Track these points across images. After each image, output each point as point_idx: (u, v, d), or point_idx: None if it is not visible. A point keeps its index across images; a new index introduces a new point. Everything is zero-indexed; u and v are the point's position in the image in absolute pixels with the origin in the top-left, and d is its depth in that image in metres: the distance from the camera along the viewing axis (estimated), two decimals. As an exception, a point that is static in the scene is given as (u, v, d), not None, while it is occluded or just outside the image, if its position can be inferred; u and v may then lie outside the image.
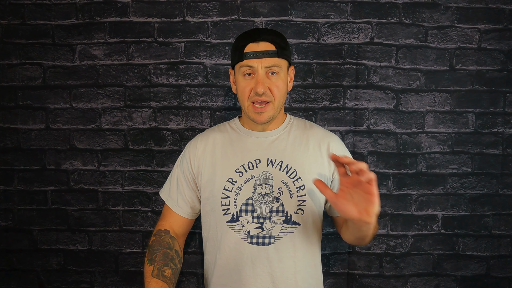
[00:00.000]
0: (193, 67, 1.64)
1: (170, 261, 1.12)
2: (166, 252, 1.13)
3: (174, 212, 1.22)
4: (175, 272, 1.11)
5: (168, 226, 1.21)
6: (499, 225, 1.67)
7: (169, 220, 1.22)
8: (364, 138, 1.65)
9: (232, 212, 1.13)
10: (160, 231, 1.19)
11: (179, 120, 1.65)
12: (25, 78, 1.65)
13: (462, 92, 1.64)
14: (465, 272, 1.68)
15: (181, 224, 1.23)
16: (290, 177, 1.13)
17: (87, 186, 1.67)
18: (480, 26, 1.62)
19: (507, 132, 1.65)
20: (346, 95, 1.64)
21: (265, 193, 1.12)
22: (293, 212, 1.12)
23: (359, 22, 1.62)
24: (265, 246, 1.12)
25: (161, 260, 1.10)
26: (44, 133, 1.66)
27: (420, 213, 1.66)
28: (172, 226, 1.21)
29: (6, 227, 1.69)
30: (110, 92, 1.65)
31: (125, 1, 1.62)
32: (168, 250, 1.13)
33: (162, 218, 1.24)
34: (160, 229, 1.20)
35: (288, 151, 1.16)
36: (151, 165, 1.66)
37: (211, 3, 1.62)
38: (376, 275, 1.68)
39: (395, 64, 1.64)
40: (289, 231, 1.13)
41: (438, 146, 1.65)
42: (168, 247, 1.14)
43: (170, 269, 1.10)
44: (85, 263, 1.69)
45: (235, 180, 1.13)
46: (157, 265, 1.09)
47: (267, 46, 1.09)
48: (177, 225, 1.22)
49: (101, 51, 1.64)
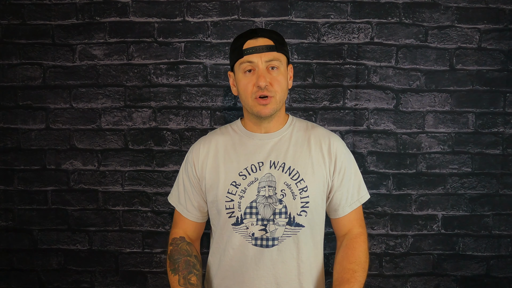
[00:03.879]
0: (193, 67, 1.64)
1: (193, 267, 1.14)
2: (187, 260, 1.15)
3: (185, 218, 1.22)
4: (199, 277, 1.15)
5: (182, 232, 1.22)
6: (499, 225, 1.67)
7: (182, 226, 1.23)
8: (364, 138, 1.65)
9: (237, 215, 1.13)
10: (175, 239, 1.20)
11: (179, 120, 1.65)
12: (25, 78, 1.65)
13: (462, 92, 1.64)
14: (465, 272, 1.68)
15: (194, 229, 1.24)
16: (292, 179, 1.13)
17: (87, 186, 1.67)
18: (480, 26, 1.62)
19: (507, 132, 1.65)
20: (346, 95, 1.64)
21: (269, 195, 1.12)
22: (296, 214, 1.12)
23: (359, 22, 1.62)
24: (269, 248, 1.12)
25: (184, 269, 1.13)
26: (44, 133, 1.66)
27: (420, 213, 1.66)
28: (186, 232, 1.23)
29: (6, 227, 1.69)
30: (110, 92, 1.65)
31: (125, 1, 1.62)
32: (188, 258, 1.16)
33: (175, 225, 1.24)
34: (175, 237, 1.21)
35: (291, 153, 1.16)
36: (151, 165, 1.66)
37: (211, 3, 1.62)
38: (375, 275, 1.68)
39: (395, 64, 1.64)
40: (292, 233, 1.12)
41: (438, 146, 1.65)
42: (187, 254, 1.17)
43: (194, 276, 1.13)
44: (85, 263, 1.69)
45: (238, 183, 1.13)
46: (182, 274, 1.12)
47: (265, 41, 1.10)
48: (191, 230, 1.23)
49: (101, 51, 1.64)
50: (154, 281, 1.69)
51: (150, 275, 1.69)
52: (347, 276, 1.09)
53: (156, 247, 1.68)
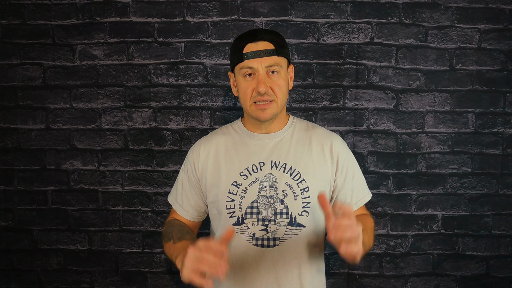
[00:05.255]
0: (193, 67, 1.64)
1: (187, 233, 1.13)
2: (180, 228, 1.15)
3: (180, 216, 1.23)
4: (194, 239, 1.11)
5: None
6: (499, 225, 1.67)
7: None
8: (364, 138, 1.65)
9: (238, 215, 1.13)
10: (170, 221, 1.22)
11: (179, 120, 1.65)
12: (25, 78, 1.65)
13: (462, 92, 1.64)
14: (465, 272, 1.68)
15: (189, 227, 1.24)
16: (294, 179, 1.13)
17: (87, 186, 1.67)
18: (480, 26, 1.62)
19: (507, 132, 1.65)
20: (346, 95, 1.64)
21: (270, 195, 1.12)
22: (297, 214, 1.12)
23: (359, 22, 1.63)
24: (270, 248, 1.12)
25: (178, 232, 1.12)
26: (44, 133, 1.66)
27: (420, 213, 1.67)
28: None
29: (6, 227, 1.69)
30: (110, 92, 1.65)
31: (125, 1, 1.62)
32: (182, 227, 1.16)
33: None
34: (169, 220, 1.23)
35: (292, 153, 1.16)
36: (151, 165, 1.66)
37: (211, 3, 1.62)
38: (376, 275, 1.68)
39: (395, 64, 1.64)
40: (293, 233, 1.12)
41: (438, 146, 1.65)
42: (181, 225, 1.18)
43: (189, 235, 1.11)
44: (85, 263, 1.69)
45: (239, 183, 1.13)
46: (176, 236, 1.11)
47: (265, 45, 1.09)
48: None
49: (101, 51, 1.64)
50: (154, 281, 1.69)
51: (150, 275, 1.69)
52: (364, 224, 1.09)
53: (156, 247, 1.68)
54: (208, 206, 1.20)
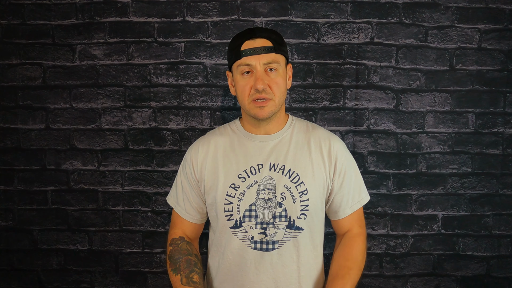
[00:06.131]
0: (193, 67, 1.64)
1: (194, 266, 1.13)
2: (188, 259, 1.14)
3: (184, 219, 1.22)
4: (201, 275, 1.14)
5: (181, 232, 1.21)
6: (499, 225, 1.67)
7: (180, 227, 1.22)
8: (364, 138, 1.65)
9: (236, 218, 1.11)
10: (175, 240, 1.19)
11: (179, 120, 1.65)
12: (25, 78, 1.65)
13: (462, 92, 1.64)
14: (465, 272, 1.68)
15: (193, 229, 1.23)
16: (292, 182, 1.12)
17: (87, 186, 1.67)
18: (480, 26, 1.62)
19: (507, 132, 1.65)
20: (346, 95, 1.64)
21: (268, 198, 1.11)
22: (296, 217, 1.11)
23: (359, 22, 1.62)
24: (269, 251, 1.11)
25: (186, 268, 1.12)
26: (44, 133, 1.66)
27: (420, 213, 1.66)
28: (185, 232, 1.22)
29: (6, 227, 1.69)
30: (110, 92, 1.65)
31: (125, 1, 1.62)
32: (189, 257, 1.15)
33: (173, 225, 1.24)
34: (175, 237, 1.20)
35: (291, 155, 1.14)
36: (151, 165, 1.66)
37: (211, 3, 1.62)
38: (376, 275, 1.68)
39: (395, 64, 1.64)
40: (292, 236, 1.12)
41: (438, 146, 1.65)
42: (188, 253, 1.16)
43: (196, 274, 1.11)
44: (85, 263, 1.69)
45: (237, 186, 1.12)
46: (183, 273, 1.11)
47: (263, 42, 1.08)
48: (189, 230, 1.23)
49: (101, 51, 1.64)
50: (154, 281, 1.69)
51: (150, 275, 1.69)
52: (342, 272, 1.10)
53: (156, 247, 1.68)
54: (207, 208, 1.19)
